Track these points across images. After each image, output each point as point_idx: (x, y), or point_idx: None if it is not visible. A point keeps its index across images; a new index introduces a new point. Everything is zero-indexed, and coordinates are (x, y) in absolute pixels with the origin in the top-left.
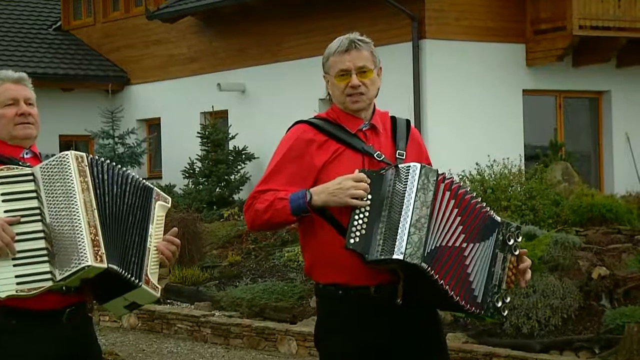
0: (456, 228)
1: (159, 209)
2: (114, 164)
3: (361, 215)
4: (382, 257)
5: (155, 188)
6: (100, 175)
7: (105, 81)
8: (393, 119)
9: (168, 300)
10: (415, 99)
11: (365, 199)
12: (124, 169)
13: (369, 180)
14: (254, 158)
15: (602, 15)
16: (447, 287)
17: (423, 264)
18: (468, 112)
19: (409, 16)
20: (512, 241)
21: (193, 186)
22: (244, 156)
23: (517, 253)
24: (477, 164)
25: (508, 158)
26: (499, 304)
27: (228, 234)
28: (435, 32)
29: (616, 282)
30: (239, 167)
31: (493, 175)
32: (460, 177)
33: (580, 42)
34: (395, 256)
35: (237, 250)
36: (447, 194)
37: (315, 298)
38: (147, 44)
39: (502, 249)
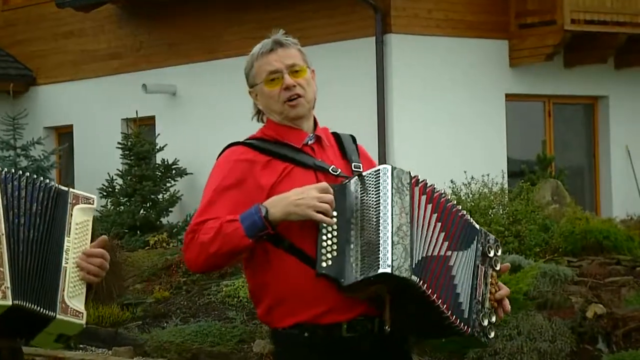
0: (438, 235)
1: (79, 215)
2: (27, 174)
3: (329, 236)
4: (364, 277)
5: (71, 190)
6: (10, 191)
7: (5, 80)
8: (335, 134)
9: (81, 345)
10: (378, 104)
11: (331, 216)
12: (32, 175)
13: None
14: (187, 174)
15: (598, 8)
16: (439, 302)
17: (414, 277)
18: (441, 121)
19: (371, 6)
20: (492, 253)
21: (112, 207)
22: (174, 172)
23: (498, 268)
24: (451, 181)
25: (488, 175)
26: (485, 323)
27: (154, 264)
28: (403, 25)
29: (615, 322)
30: (168, 185)
31: (470, 195)
32: None
33: (573, 39)
34: (382, 270)
35: (165, 285)
36: (423, 197)
37: (273, 347)
38: (57, 37)
39: (483, 261)
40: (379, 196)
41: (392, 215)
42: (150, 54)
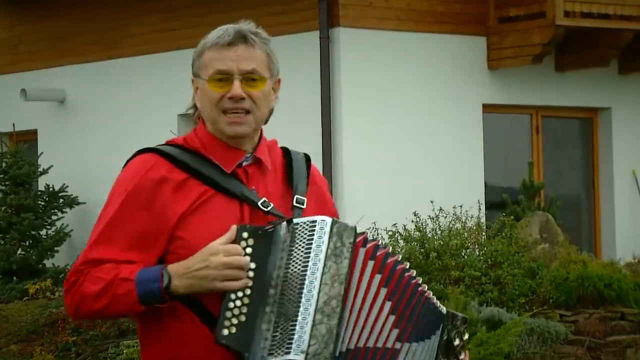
0: (386, 318)
1: None
2: None
3: (240, 294)
4: (272, 358)
5: None
6: None
7: None
8: (286, 151)
9: None
10: (323, 116)
11: (246, 273)
12: None
13: (251, 242)
14: (77, 204)
15: None
16: None
17: None
18: (401, 137)
19: None
20: (457, 341)
21: None
22: (61, 200)
23: (462, 358)
24: (415, 214)
25: (461, 206)
26: None
27: (35, 319)
28: (354, 17)
29: None
30: (54, 218)
31: (439, 232)
32: (390, 234)
33: (567, 36)
34: (292, 357)
35: (49, 345)
36: (371, 264)
37: None
38: None
39: (446, 353)
40: (309, 258)
41: (320, 284)
42: (32, 51)
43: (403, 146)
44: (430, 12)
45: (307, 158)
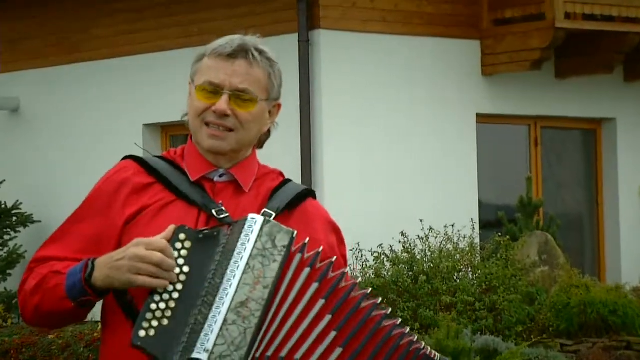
0: (323, 332)
1: None
2: None
3: (166, 297)
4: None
5: None
6: None
7: None
8: (285, 181)
9: None
10: (302, 127)
11: (178, 273)
12: None
13: (188, 244)
14: (32, 222)
15: None
16: None
17: None
18: (386, 150)
19: None
20: None
21: None
22: (14, 219)
23: None
24: (402, 234)
25: (453, 225)
26: None
27: None
28: (336, 18)
29: None
30: (7, 238)
31: (429, 254)
32: (376, 256)
33: (568, 40)
34: (195, 355)
35: None
36: (307, 271)
37: None
38: None
39: None
40: (232, 255)
41: (238, 283)
42: None
43: (389, 161)
44: (419, 14)
45: (307, 192)
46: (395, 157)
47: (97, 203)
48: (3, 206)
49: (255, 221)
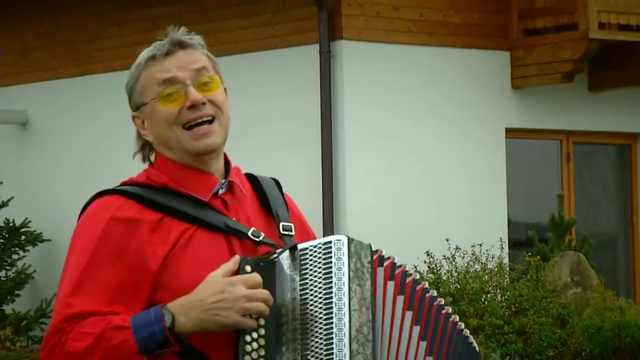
0: (417, 345)
1: None
2: None
3: (255, 336)
4: None
5: None
6: None
7: None
8: (251, 177)
9: None
10: (323, 142)
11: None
12: None
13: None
14: (42, 241)
15: (637, 8)
16: None
17: None
18: (411, 167)
19: (315, 3)
20: None
21: None
22: (23, 237)
23: None
24: (427, 253)
25: (481, 245)
26: None
27: None
28: (359, 28)
29: None
30: (15, 257)
31: (455, 274)
32: None
33: (602, 51)
34: None
35: None
36: (391, 284)
37: None
38: None
39: None
40: (330, 282)
41: (349, 310)
42: None
43: (414, 176)
44: (445, 23)
45: (278, 183)
46: (420, 172)
47: (107, 249)
48: (11, 224)
49: (342, 242)
